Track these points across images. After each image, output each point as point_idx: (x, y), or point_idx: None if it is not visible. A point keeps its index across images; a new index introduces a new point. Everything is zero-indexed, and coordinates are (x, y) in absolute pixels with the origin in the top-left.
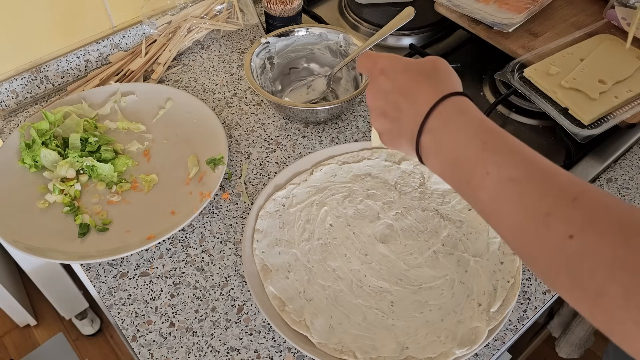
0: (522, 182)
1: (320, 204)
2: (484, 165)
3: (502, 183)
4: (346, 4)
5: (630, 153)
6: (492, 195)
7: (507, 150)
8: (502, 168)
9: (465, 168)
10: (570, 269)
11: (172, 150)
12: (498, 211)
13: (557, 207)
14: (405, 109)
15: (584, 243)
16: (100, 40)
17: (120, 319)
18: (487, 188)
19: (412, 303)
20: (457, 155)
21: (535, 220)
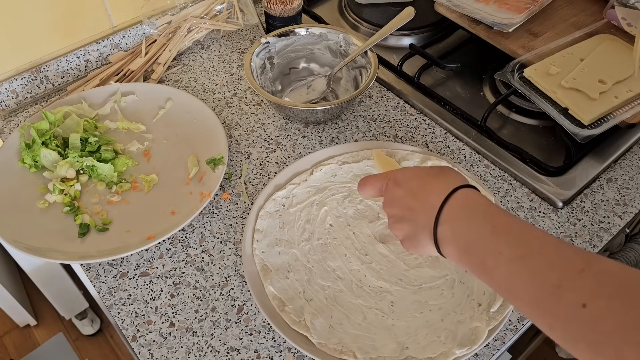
0: (532, 258)
1: (320, 204)
2: (496, 246)
3: (514, 261)
4: (346, 4)
5: (630, 153)
6: (506, 274)
7: (515, 230)
8: (512, 247)
9: (479, 251)
10: (587, 336)
11: (172, 150)
12: (513, 287)
13: (566, 278)
14: (419, 208)
15: (596, 309)
16: (100, 40)
17: (120, 319)
18: (501, 267)
19: (412, 303)
20: (471, 240)
21: (548, 292)
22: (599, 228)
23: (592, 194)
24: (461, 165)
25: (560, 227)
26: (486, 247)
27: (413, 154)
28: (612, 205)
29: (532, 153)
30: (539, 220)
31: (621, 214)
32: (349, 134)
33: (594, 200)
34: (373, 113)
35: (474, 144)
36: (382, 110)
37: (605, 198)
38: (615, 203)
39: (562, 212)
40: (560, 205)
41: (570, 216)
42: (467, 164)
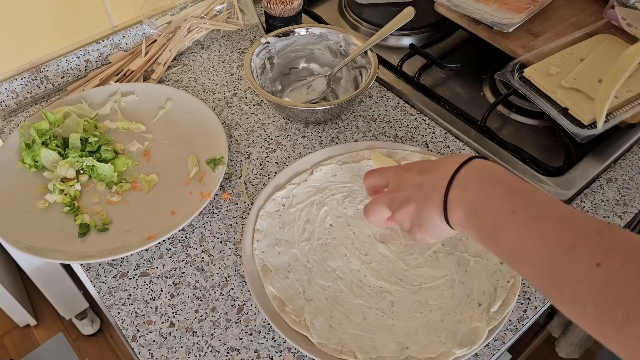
0: (547, 219)
1: (320, 204)
2: (509, 205)
3: (529, 221)
4: (346, 4)
5: (630, 153)
6: (517, 234)
7: (531, 192)
8: (529, 207)
9: (490, 211)
10: (597, 298)
11: (172, 150)
12: (522, 248)
13: (582, 239)
14: (429, 182)
15: (610, 270)
16: (100, 40)
17: (120, 319)
18: (513, 227)
19: (412, 303)
20: (482, 200)
21: (561, 253)
22: None
23: (592, 194)
24: None
25: None
26: (498, 207)
27: (413, 154)
28: (612, 205)
29: (532, 153)
30: None
31: (621, 214)
32: (349, 134)
33: (594, 200)
34: (373, 113)
35: (474, 144)
36: (382, 110)
37: (605, 198)
38: (615, 203)
39: None
40: None
41: None
42: None
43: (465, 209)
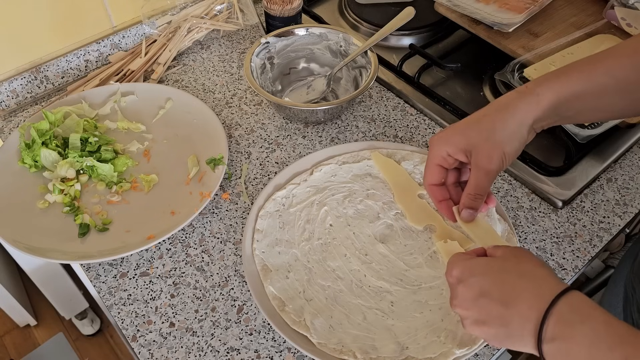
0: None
1: (320, 204)
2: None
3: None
4: (346, 4)
5: (630, 153)
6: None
7: None
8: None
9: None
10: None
11: (172, 150)
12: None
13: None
14: (508, 316)
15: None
16: (100, 40)
17: (120, 319)
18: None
19: (412, 303)
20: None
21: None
22: (599, 228)
23: (592, 194)
24: None
25: (560, 227)
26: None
27: (413, 154)
28: (612, 205)
29: (532, 153)
30: (539, 220)
31: (621, 214)
32: (349, 134)
33: (594, 200)
34: (373, 113)
35: None
36: (382, 110)
37: (605, 198)
38: (615, 203)
39: (562, 212)
40: (560, 205)
41: (570, 216)
42: None
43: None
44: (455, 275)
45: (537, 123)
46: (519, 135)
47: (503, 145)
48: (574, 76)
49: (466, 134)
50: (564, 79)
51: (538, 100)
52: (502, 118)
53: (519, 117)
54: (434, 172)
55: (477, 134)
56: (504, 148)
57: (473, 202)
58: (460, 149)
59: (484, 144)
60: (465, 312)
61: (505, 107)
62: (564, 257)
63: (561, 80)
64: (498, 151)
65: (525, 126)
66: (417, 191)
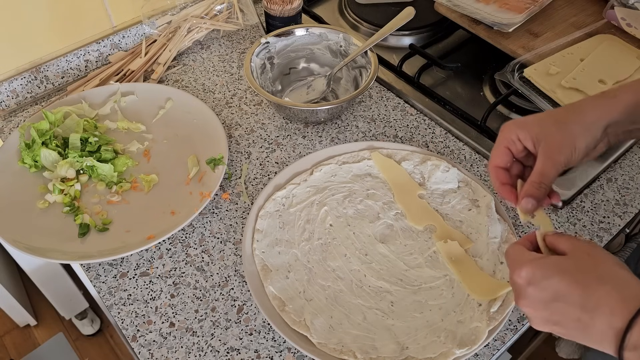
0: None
1: (320, 204)
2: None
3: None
4: (346, 4)
5: (630, 153)
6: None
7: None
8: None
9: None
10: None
11: (172, 150)
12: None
13: None
14: (587, 321)
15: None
16: (100, 40)
17: (120, 319)
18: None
19: (412, 303)
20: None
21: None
22: (599, 228)
23: (592, 194)
24: (461, 165)
25: (560, 227)
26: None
27: (413, 154)
28: (612, 205)
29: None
30: None
31: (621, 214)
32: (349, 134)
33: (594, 200)
34: (373, 113)
35: (474, 144)
36: (382, 110)
37: (605, 198)
38: (615, 203)
39: (562, 212)
40: (560, 205)
41: (570, 216)
42: (467, 164)
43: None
44: (524, 277)
45: (613, 127)
46: (592, 132)
47: (574, 138)
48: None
49: (540, 123)
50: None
51: (615, 101)
52: (578, 113)
53: (593, 115)
54: (501, 153)
55: (551, 124)
56: (575, 141)
57: (535, 190)
58: (531, 136)
59: (555, 133)
60: (535, 312)
61: (584, 105)
62: None
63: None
64: (569, 143)
65: (600, 125)
66: (417, 191)
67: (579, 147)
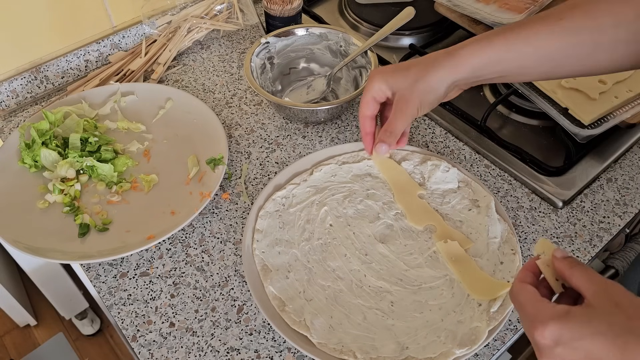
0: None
1: (320, 204)
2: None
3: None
4: (346, 4)
5: (630, 153)
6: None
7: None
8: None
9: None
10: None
11: (172, 150)
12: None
13: None
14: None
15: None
16: (100, 40)
17: (120, 319)
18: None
19: (412, 303)
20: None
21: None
22: (599, 228)
23: (592, 194)
24: (461, 165)
25: (560, 227)
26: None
27: (413, 154)
28: (612, 205)
29: (532, 153)
30: (539, 220)
31: (621, 214)
32: (349, 134)
33: (594, 200)
34: None
35: (474, 144)
36: None
37: (605, 198)
38: (615, 203)
39: (562, 212)
40: (560, 205)
41: (570, 216)
42: (467, 164)
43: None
44: (550, 337)
45: (458, 82)
46: (437, 91)
47: (421, 96)
48: (495, 42)
49: (396, 77)
50: (485, 43)
51: (459, 62)
52: (426, 72)
53: (439, 75)
54: (369, 103)
55: (404, 80)
56: (421, 98)
57: (387, 137)
58: (390, 88)
59: (406, 89)
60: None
61: (432, 63)
62: None
63: (482, 45)
64: (415, 99)
65: (444, 84)
66: (417, 191)
67: (424, 103)
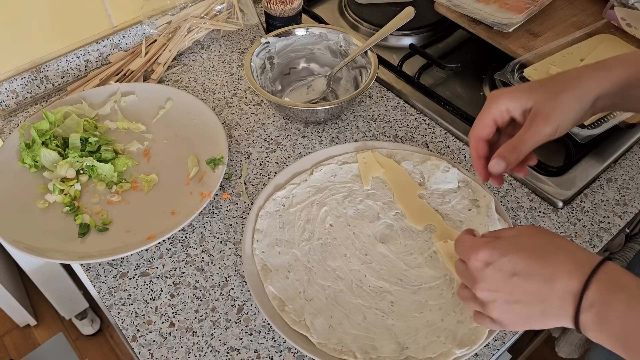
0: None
1: (320, 204)
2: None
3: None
4: (346, 4)
5: (630, 153)
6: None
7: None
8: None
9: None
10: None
11: (172, 150)
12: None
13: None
14: (547, 290)
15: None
16: (100, 40)
17: (120, 319)
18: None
19: (412, 303)
20: (632, 332)
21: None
22: (599, 228)
23: (592, 194)
24: (461, 165)
25: (560, 227)
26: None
27: (413, 154)
28: (612, 205)
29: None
30: (539, 220)
31: (621, 214)
32: (349, 134)
33: (594, 200)
34: (373, 113)
35: None
36: (382, 110)
37: (605, 198)
38: (615, 203)
39: (562, 212)
40: (560, 205)
41: (570, 216)
42: (467, 164)
43: (607, 334)
44: (482, 259)
45: (602, 99)
46: (583, 103)
47: (565, 109)
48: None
49: (531, 92)
50: (637, 58)
51: (610, 74)
52: (570, 82)
53: (586, 85)
54: (487, 125)
55: (542, 93)
56: (566, 112)
57: (508, 153)
58: (522, 105)
59: (546, 102)
60: (493, 294)
61: (577, 76)
62: None
63: (635, 58)
64: (558, 114)
65: (592, 97)
66: (417, 191)
67: (568, 118)
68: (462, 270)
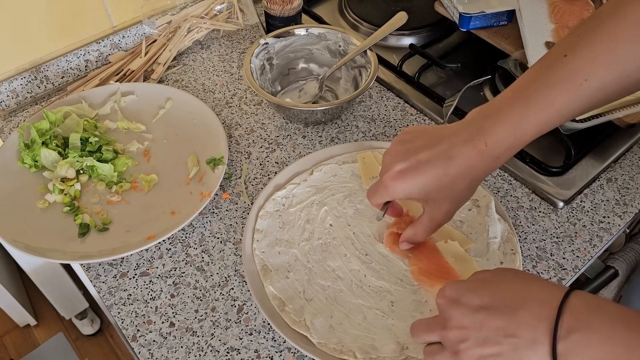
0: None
1: (320, 204)
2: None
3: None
4: (346, 4)
5: (630, 153)
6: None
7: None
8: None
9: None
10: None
11: (172, 150)
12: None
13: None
14: (515, 323)
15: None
16: (100, 40)
17: (120, 319)
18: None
19: (412, 303)
20: (620, 354)
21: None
22: (599, 228)
23: (592, 194)
24: None
25: (560, 227)
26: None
27: None
28: (612, 205)
29: (532, 153)
30: (539, 220)
31: (621, 214)
32: (349, 134)
33: (594, 200)
34: (373, 113)
35: None
36: (382, 110)
37: (605, 198)
38: (615, 203)
39: (562, 212)
40: (561, 205)
41: (570, 216)
42: None
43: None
44: (448, 295)
45: (509, 151)
46: (473, 189)
47: (458, 201)
48: (531, 114)
49: (426, 184)
50: (522, 117)
51: (497, 163)
52: (460, 177)
53: (475, 177)
54: (382, 202)
55: (438, 191)
56: (459, 203)
57: (413, 238)
58: (419, 194)
59: (443, 201)
60: (462, 333)
61: (464, 165)
62: (564, 257)
63: (520, 123)
64: (454, 207)
65: (480, 181)
66: None
67: (459, 206)
68: (430, 348)
